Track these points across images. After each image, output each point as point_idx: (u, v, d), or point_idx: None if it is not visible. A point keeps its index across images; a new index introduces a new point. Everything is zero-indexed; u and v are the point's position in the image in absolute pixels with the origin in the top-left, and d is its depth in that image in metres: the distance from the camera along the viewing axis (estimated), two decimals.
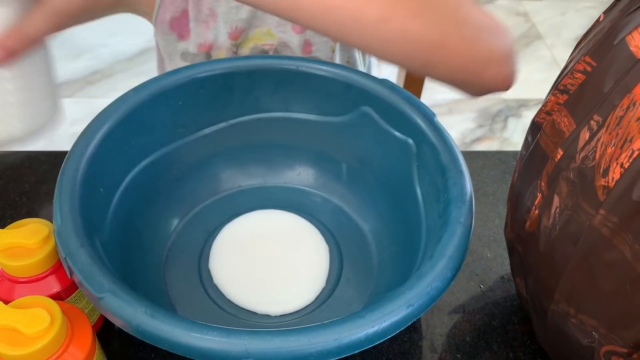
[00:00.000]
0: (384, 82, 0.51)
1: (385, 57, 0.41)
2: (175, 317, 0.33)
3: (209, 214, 0.53)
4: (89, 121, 0.46)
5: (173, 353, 0.33)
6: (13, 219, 0.52)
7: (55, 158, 0.60)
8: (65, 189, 0.40)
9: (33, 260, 0.39)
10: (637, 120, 0.28)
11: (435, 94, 1.94)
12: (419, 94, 0.87)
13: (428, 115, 0.48)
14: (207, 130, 0.52)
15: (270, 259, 0.51)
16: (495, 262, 0.52)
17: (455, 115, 1.84)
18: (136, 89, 0.47)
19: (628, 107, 0.29)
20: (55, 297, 0.40)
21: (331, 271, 0.50)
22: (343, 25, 0.38)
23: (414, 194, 0.48)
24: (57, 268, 0.40)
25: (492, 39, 0.42)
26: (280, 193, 0.56)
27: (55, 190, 0.40)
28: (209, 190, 0.54)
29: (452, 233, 0.39)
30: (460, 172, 0.43)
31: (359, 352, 0.40)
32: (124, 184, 0.46)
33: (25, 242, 0.39)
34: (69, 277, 0.37)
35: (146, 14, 0.64)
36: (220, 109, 0.52)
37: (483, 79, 0.43)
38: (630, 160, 0.28)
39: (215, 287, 0.49)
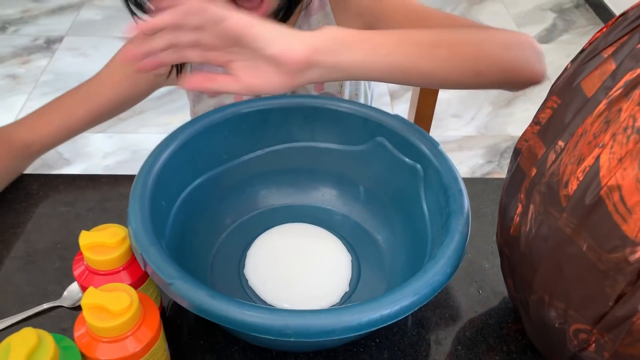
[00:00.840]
0: (396, 117, 0.60)
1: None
2: (230, 298, 0.42)
3: (247, 227, 0.62)
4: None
5: (212, 338, 0.42)
6: (85, 226, 0.62)
7: (114, 180, 0.70)
8: (137, 201, 0.49)
9: (112, 256, 0.48)
10: (588, 144, 0.37)
11: (446, 131, 2.04)
12: (428, 129, 0.96)
13: (433, 144, 0.57)
14: (246, 157, 0.61)
15: (299, 265, 0.59)
16: (492, 272, 0.61)
17: (465, 152, 1.93)
18: (192, 122, 0.57)
19: (582, 135, 0.38)
20: None
21: (352, 276, 0.59)
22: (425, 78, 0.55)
23: (421, 210, 0.57)
24: (130, 264, 0.49)
25: (521, 52, 0.57)
26: (307, 211, 0.65)
27: (130, 202, 0.49)
28: (246, 208, 0.63)
29: (452, 239, 0.48)
30: (459, 190, 0.52)
31: (374, 342, 0.49)
32: (179, 199, 0.56)
33: (107, 242, 0.48)
34: (143, 269, 0.46)
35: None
36: (258, 139, 0.62)
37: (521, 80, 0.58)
38: (584, 174, 0.37)
39: (251, 289, 0.57)
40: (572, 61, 0.44)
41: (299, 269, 0.59)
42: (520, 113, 2.12)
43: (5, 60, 2.34)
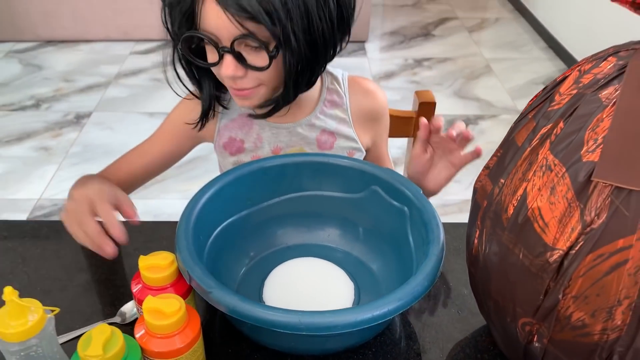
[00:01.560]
0: (387, 170, 0.75)
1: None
2: (256, 302, 0.55)
3: (266, 260, 0.76)
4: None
5: (238, 347, 0.54)
6: (129, 268, 0.76)
7: (155, 225, 0.84)
8: (182, 233, 0.63)
9: (164, 274, 0.61)
10: (519, 179, 0.51)
11: (447, 195, 2.18)
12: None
13: (415, 191, 0.71)
14: (266, 203, 0.76)
15: (309, 291, 0.72)
16: (469, 297, 0.73)
17: (465, 213, 2.06)
18: (224, 174, 0.72)
19: (515, 173, 0.52)
20: None
21: (354, 300, 0.71)
22: None
23: (408, 243, 0.70)
24: (176, 282, 0.63)
25: None
26: (316, 248, 0.78)
27: (177, 234, 0.63)
28: (266, 244, 0.77)
29: (429, 260, 0.61)
30: (437, 224, 0.66)
31: (371, 351, 0.61)
32: (213, 235, 0.70)
33: (160, 263, 0.61)
34: (188, 283, 0.59)
35: (210, 142, 0.92)
36: (276, 188, 0.76)
37: None
38: (517, 201, 0.51)
39: None
40: (513, 123, 0.59)
41: (310, 295, 0.72)
42: None
43: (38, 134, 2.55)
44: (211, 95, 0.82)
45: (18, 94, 2.85)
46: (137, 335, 0.57)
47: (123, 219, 0.70)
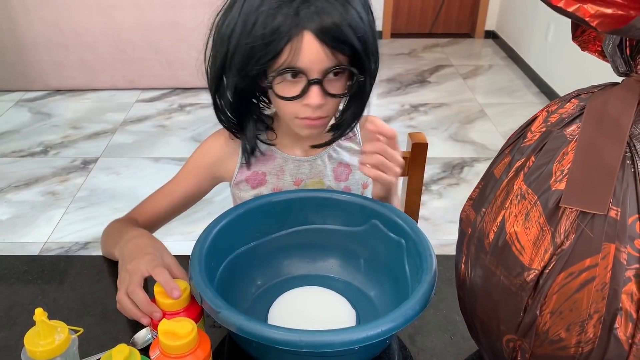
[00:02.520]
0: (385, 205, 0.81)
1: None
2: (260, 322, 0.60)
3: (272, 289, 0.81)
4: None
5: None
6: (145, 291, 0.80)
7: None
8: (196, 260, 0.69)
9: (177, 300, 0.66)
10: (498, 208, 0.57)
11: (445, 235, 2.23)
12: (416, 219, 1.17)
13: (412, 224, 0.77)
14: (273, 235, 0.81)
15: (313, 318, 0.77)
16: (461, 323, 0.77)
17: None
18: (236, 207, 0.78)
19: (494, 203, 0.58)
20: None
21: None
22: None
23: (404, 272, 0.75)
24: (188, 308, 0.68)
25: None
26: (319, 278, 0.83)
27: (190, 261, 0.69)
28: (273, 274, 0.83)
29: (421, 287, 0.66)
30: (430, 255, 0.71)
31: None
32: (222, 265, 0.75)
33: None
34: (199, 304, 0.64)
35: (227, 180, 0.99)
36: (282, 222, 0.82)
37: None
38: (497, 228, 0.57)
39: None
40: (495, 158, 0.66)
41: (313, 320, 0.76)
42: None
43: (46, 179, 2.63)
44: (254, 136, 0.90)
45: (27, 141, 2.95)
46: (152, 357, 0.62)
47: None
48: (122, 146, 2.91)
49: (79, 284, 0.84)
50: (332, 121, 0.88)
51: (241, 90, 0.82)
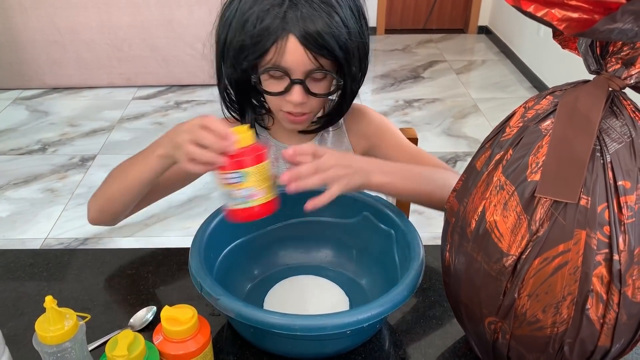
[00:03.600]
0: (376, 197, 0.85)
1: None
2: (257, 307, 0.64)
3: (269, 278, 0.85)
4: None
5: (242, 355, 0.63)
6: (146, 289, 0.84)
7: (167, 251, 0.93)
8: (195, 252, 0.72)
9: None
10: (479, 198, 0.61)
11: (438, 228, 2.27)
12: (407, 212, 1.21)
13: (401, 215, 0.81)
14: (269, 227, 0.85)
15: (307, 304, 0.80)
16: (448, 309, 0.81)
17: None
18: None
19: (475, 193, 0.62)
20: None
21: None
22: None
23: (394, 261, 0.79)
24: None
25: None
26: (313, 268, 0.87)
27: (190, 252, 0.72)
28: (269, 264, 0.86)
29: (409, 273, 0.70)
30: (418, 244, 0.75)
31: (361, 356, 0.69)
32: (220, 256, 0.79)
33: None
34: (199, 292, 0.68)
35: None
36: (278, 214, 0.85)
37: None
38: (478, 217, 0.60)
39: None
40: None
41: (308, 307, 0.80)
42: None
43: (45, 176, 2.66)
44: (252, 120, 0.95)
45: (25, 139, 2.97)
46: (155, 342, 0.65)
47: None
48: (120, 143, 2.93)
49: (83, 276, 0.88)
50: (320, 113, 0.94)
51: (236, 80, 0.88)
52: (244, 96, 0.93)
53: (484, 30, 4.57)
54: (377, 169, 0.79)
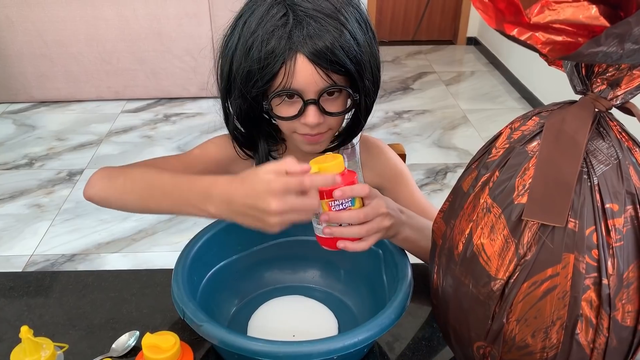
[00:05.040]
0: None
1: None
2: (241, 334, 0.63)
3: (254, 301, 0.83)
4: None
5: None
6: (129, 313, 0.82)
7: (151, 273, 0.91)
8: (178, 276, 0.71)
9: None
10: (466, 220, 0.60)
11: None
12: None
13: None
14: (255, 248, 0.84)
15: (294, 327, 0.79)
16: (437, 329, 0.80)
17: None
18: (218, 221, 0.80)
19: (462, 215, 0.61)
20: None
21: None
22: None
23: (382, 281, 0.78)
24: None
25: None
26: (300, 289, 0.86)
27: (173, 275, 0.71)
28: (254, 286, 0.85)
29: (397, 296, 0.69)
30: (405, 264, 0.74)
31: None
32: (205, 278, 0.77)
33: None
34: (182, 317, 0.66)
35: None
36: (264, 234, 0.84)
37: None
38: (465, 239, 0.59)
39: None
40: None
41: (295, 329, 0.79)
42: None
43: (31, 191, 2.62)
44: (266, 152, 0.92)
45: (12, 153, 2.94)
46: None
47: None
48: (108, 157, 2.91)
49: (65, 299, 0.86)
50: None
51: (246, 111, 0.84)
52: (255, 128, 0.89)
53: (473, 42, 4.59)
54: (408, 223, 0.76)
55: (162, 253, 2.23)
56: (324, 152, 0.88)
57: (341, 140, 0.93)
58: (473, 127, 3.23)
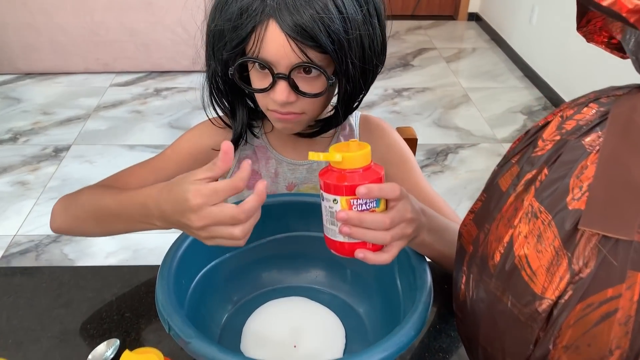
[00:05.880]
0: None
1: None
2: (236, 353, 0.53)
3: (250, 304, 0.74)
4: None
5: None
6: (109, 317, 0.73)
7: (135, 269, 0.82)
8: (163, 282, 0.61)
9: None
10: (504, 226, 0.50)
11: None
12: None
13: None
14: (251, 244, 0.74)
15: (294, 335, 0.70)
16: (456, 339, 0.71)
17: None
18: None
19: (500, 219, 0.51)
20: None
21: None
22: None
23: (396, 287, 0.69)
24: None
25: None
26: (301, 290, 0.76)
27: (157, 279, 0.61)
28: (250, 287, 0.75)
29: (416, 308, 0.60)
30: (424, 269, 0.65)
31: None
32: (194, 281, 0.68)
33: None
34: (167, 332, 0.57)
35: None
36: (260, 230, 0.74)
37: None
38: (503, 248, 0.50)
39: None
40: (497, 166, 0.59)
41: (297, 338, 0.70)
42: None
43: (15, 168, 2.51)
44: (244, 123, 0.83)
45: None
46: None
47: None
48: (96, 133, 2.79)
49: (37, 300, 0.76)
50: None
51: (222, 75, 0.76)
52: (234, 95, 0.80)
53: (474, 17, 4.46)
54: (427, 225, 0.65)
55: (152, 234, 2.13)
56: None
57: (319, 128, 0.82)
58: (475, 106, 3.13)
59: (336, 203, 0.57)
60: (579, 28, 0.57)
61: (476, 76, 3.53)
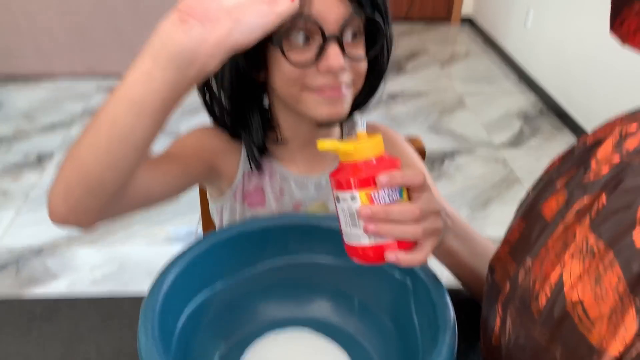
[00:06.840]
0: None
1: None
2: None
3: (247, 340, 0.65)
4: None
5: None
6: (85, 351, 0.64)
7: (117, 302, 0.73)
8: (147, 320, 0.53)
9: None
10: (551, 262, 0.43)
11: None
12: None
13: None
14: (245, 275, 0.66)
15: None
16: None
17: None
18: (197, 243, 0.62)
19: (545, 254, 0.44)
20: None
21: None
22: None
23: (412, 323, 0.61)
24: None
25: None
26: (303, 323, 0.68)
27: (140, 319, 0.52)
28: (247, 322, 0.67)
29: (440, 352, 0.52)
30: (446, 304, 0.57)
31: None
32: (182, 318, 0.59)
33: None
34: None
35: (217, 188, 0.80)
36: (257, 256, 0.66)
37: None
38: (550, 290, 0.42)
39: None
40: (533, 188, 0.51)
41: None
42: (495, 215, 2.21)
43: None
44: (261, 129, 0.74)
45: None
46: None
47: None
48: None
49: (4, 337, 0.67)
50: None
51: (242, 71, 0.67)
52: (248, 100, 0.72)
53: (468, 20, 4.41)
54: (453, 229, 0.58)
55: (139, 247, 2.03)
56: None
57: (353, 107, 0.73)
58: (470, 110, 3.07)
59: (354, 200, 0.49)
60: (612, 29, 0.51)
61: (470, 80, 3.47)
